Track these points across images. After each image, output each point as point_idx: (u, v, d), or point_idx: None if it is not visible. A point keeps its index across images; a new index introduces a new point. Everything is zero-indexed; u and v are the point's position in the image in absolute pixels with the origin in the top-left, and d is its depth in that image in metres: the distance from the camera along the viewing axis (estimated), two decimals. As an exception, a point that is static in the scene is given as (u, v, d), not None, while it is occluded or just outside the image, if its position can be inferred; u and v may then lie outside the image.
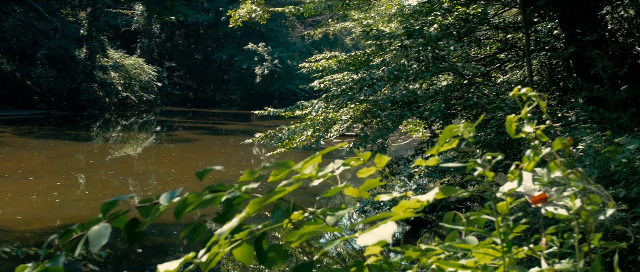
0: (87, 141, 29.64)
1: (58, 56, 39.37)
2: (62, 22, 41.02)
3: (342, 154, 20.57)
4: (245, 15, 17.01)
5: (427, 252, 1.60)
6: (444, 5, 14.35)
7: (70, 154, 24.15)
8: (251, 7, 16.98)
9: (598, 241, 1.61)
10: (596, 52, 11.98)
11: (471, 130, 1.56)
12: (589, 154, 7.41)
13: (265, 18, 17.53)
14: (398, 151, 21.17)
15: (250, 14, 17.02)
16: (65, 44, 40.03)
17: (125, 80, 46.64)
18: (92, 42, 43.45)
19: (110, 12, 50.27)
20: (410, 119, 12.95)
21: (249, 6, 16.99)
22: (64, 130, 33.41)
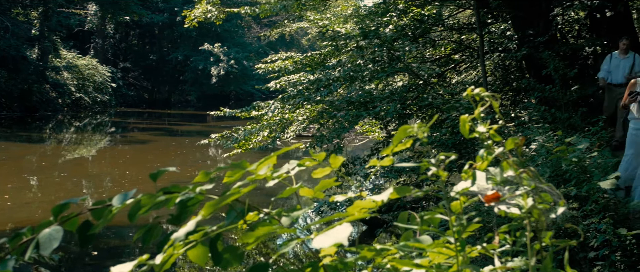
0: (40, 142, 29.14)
1: (9, 57, 38.54)
2: (13, 21, 40.19)
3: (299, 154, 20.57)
4: (201, 16, 16.91)
5: (381, 252, 1.60)
6: (399, 7, 14.44)
7: (22, 156, 23.72)
8: (207, 8, 16.87)
9: (549, 239, 1.64)
10: (548, 53, 12.17)
11: (425, 130, 1.57)
12: (541, 154, 7.52)
13: (221, 18, 17.45)
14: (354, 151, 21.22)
15: (205, 14, 16.91)
16: (16, 44, 39.21)
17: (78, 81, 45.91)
18: (44, 43, 42.65)
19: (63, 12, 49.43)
20: (366, 119, 13.00)
21: (205, 6, 16.89)
22: (15, 132, 32.79)
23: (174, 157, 24.68)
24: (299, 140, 16.07)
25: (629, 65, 11.63)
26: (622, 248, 6.08)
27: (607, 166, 7.09)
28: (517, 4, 14.01)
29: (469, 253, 1.71)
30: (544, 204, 1.64)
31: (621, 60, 11.72)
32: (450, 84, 15.38)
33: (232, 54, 58.57)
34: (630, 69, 11.53)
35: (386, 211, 11.36)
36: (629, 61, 11.65)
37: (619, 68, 11.70)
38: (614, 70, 11.75)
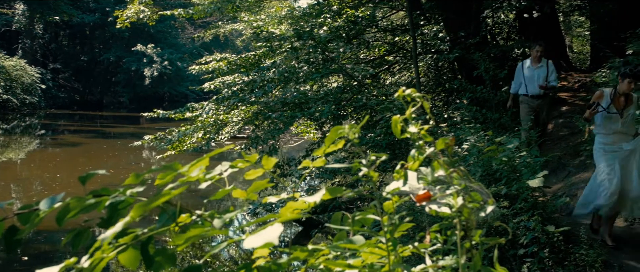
0: (-35, 146, 28.26)
1: None
2: None
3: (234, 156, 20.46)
4: (133, 16, 16.66)
5: (314, 253, 1.61)
6: (333, 8, 14.49)
7: (-54, 159, 22.99)
8: (139, 8, 16.63)
9: (479, 237, 1.66)
10: (479, 55, 12.40)
11: (356, 131, 1.58)
12: (472, 153, 7.64)
13: (154, 19, 17.24)
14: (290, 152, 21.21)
15: (138, 15, 16.67)
16: (-61, 43, 37.97)
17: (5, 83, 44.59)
18: (-30, 43, 41.40)
19: (-11, 11, 48.11)
20: (301, 120, 13.01)
21: (137, 7, 16.64)
22: (-61, 135, 31.75)
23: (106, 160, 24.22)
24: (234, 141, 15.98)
25: (543, 74, 10.76)
26: (550, 245, 6.23)
27: (535, 164, 7.25)
28: (449, 6, 14.24)
29: (401, 252, 1.72)
30: (473, 203, 1.67)
31: (534, 69, 10.80)
32: (384, 85, 15.51)
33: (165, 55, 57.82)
34: (545, 78, 10.73)
35: (321, 212, 11.39)
36: (543, 70, 10.78)
37: (533, 78, 10.80)
38: (529, 80, 10.84)
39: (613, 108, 7.00)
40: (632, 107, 7.03)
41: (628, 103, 7.01)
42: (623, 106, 7.00)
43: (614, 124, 7.01)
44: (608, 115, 7.03)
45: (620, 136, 7.05)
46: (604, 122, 7.07)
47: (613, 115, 7.01)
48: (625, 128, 7.03)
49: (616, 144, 7.05)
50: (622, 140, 7.05)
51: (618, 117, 6.98)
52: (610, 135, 7.08)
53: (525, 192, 6.67)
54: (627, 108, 7.01)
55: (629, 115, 7.02)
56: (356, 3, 14.66)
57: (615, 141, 7.07)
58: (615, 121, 7.01)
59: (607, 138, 7.12)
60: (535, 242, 6.16)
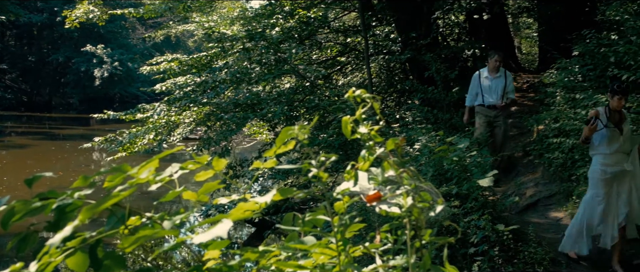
0: None
1: None
2: None
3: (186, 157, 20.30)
4: (82, 16, 16.40)
5: (265, 254, 1.61)
6: (285, 9, 14.48)
7: None
8: (88, 8, 16.38)
9: (429, 237, 1.68)
10: (430, 56, 12.52)
11: (306, 132, 1.58)
12: (424, 153, 7.71)
13: (104, 19, 17.00)
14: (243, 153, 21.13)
15: (87, 14, 16.42)
16: None
17: (-51, 84, 43.61)
18: None
19: None
20: (253, 121, 12.97)
21: (86, 7, 16.39)
22: None
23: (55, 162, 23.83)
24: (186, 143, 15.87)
25: (501, 85, 10.28)
26: (500, 243, 6.32)
27: (485, 164, 7.34)
28: (400, 7, 14.34)
29: (352, 253, 1.73)
30: (423, 203, 1.69)
31: (492, 79, 10.31)
32: (337, 85, 15.56)
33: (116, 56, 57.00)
34: (503, 90, 10.27)
35: (275, 213, 11.38)
36: (501, 81, 10.30)
37: (491, 88, 10.32)
38: (486, 91, 10.35)
39: (611, 124, 6.64)
40: (627, 123, 6.71)
41: (622, 119, 6.69)
42: (619, 121, 6.66)
43: (616, 142, 6.61)
44: (609, 132, 6.63)
45: (621, 155, 6.67)
46: (605, 140, 6.64)
47: (614, 131, 6.62)
48: (626, 146, 6.65)
49: (618, 165, 6.67)
50: (623, 159, 6.67)
51: (618, 133, 6.62)
52: (611, 154, 6.64)
53: (475, 192, 6.75)
54: (623, 123, 6.67)
55: (628, 131, 6.68)
56: (308, 4, 14.68)
57: (617, 161, 6.67)
58: (616, 139, 6.61)
59: (608, 158, 6.67)
60: (486, 240, 6.24)
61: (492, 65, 10.35)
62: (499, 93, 10.26)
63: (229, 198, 1.69)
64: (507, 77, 10.35)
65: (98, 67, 56.73)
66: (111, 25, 56.52)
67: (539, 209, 9.36)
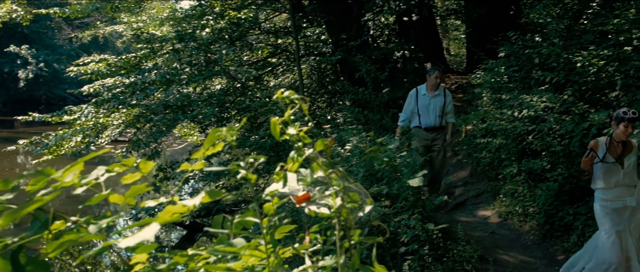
0: None
1: None
2: None
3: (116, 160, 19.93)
4: (5, 16, 15.95)
5: (194, 257, 1.60)
6: (215, 10, 14.39)
7: None
8: (11, 8, 15.94)
9: (358, 237, 1.69)
10: (360, 57, 12.62)
11: (234, 133, 1.57)
12: (355, 154, 7.76)
13: (28, 19, 16.58)
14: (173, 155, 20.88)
15: (10, 14, 15.98)
16: None
17: None
18: None
19: None
20: (184, 122, 12.85)
21: (9, 6, 15.95)
22: None
23: (-22, 166, 23.10)
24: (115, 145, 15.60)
25: (440, 104, 9.26)
26: (430, 242, 6.41)
27: (415, 164, 7.43)
28: (331, 9, 14.41)
29: (282, 254, 1.73)
30: (352, 203, 1.70)
31: (431, 98, 9.23)
32: (268, 87, 15.54)
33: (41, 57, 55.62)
34: (442, 108, 9.27)
35: (206, 215, 11.30)
36: (440, 100, 9.27)
37: (428, 108, 9.27)
38: (423, 110, 9.28)
39: (610, 157, 6.05)
40: (633, 155, 6.08)
41: (627, 151, 6.07)
42: (620, 154, 6.05)
43: (615, 176, 6.06)
44: (606, 166, 6.08)
45: (623, 188, 6.10)
46: (603, 174, 6.10)
47: (611, 165, 6.06)
48: (627, 179, 6.07)
49: (620, 199, 6.09)
50: (626, 193, 6.10)
51: (618, 167, 6.05)
52: (611, 189, 6.09)
53: (405, 192, 6.83)
54: (627, 156, 6.06)
55: (630, 164, 6.07)
56: (239, 5, 14.61)
57: (618, 196, 6.09)
58: (615, 172, 6.06)
59: (608, 193, 6.13)
60: (416, 240, 6.32)
61: (432, 82, 9.27)
62: (437, 113, 9.26)
63: (156, 201, 1.67)
64: (446, 96, 9.36)
65: (22, 68, 55.23)
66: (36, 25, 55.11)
67: (467, 207, 9.54)
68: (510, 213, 8.65)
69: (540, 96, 8.44)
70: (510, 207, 8.70)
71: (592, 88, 8.46)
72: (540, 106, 8.31)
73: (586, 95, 8.46)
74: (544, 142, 8.20)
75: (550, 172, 8.19)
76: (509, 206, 8.78)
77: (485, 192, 9.91)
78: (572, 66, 8.69)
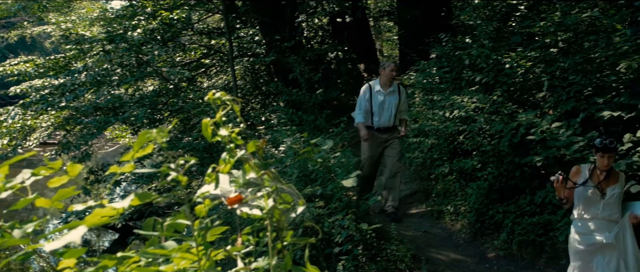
0: None
1: None
2: None
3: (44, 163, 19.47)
4: None
5: (124, 260, 1.57)
6: (147, 10, 14.20)
7: None
8: None
9: (290, 238, 1.70)
10: (294, 58, 12.63)
11: (164, 135, 1.56)
12: (289, 155, 7.76)
13: (-50, 18, 16.07)
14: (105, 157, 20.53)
15: None
16: None
17: None
18: None
19: None
20: (116, 124, 12.65)
21: None
22: None
23: None
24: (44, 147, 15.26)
25: (395, 101, 8.57)
26: (364, 242, 6.44)
27: (349, 165, 7.46)
28: (264, 10, 14.38)
29: (214, 256, 1.72)
30: (284, 204, 1.70)
31: (386, 95, 8.52)
32: (201, 88, 15.42)
33: (-35, 57, 54.01)
34: (397, 108, 8.60)
35: (138, 218, 11.14)
36: (396, 97, 8.58)
37: (383, 106, 8.56)
38: (378, 109, 8.54)
39: (591, 185, 5.38)
40: (618, 186, 5.38)
41: (611, 181, 5.37)
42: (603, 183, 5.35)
43: (594, 207, 5.35)
44: (585, 194, 5.40)
45: (602, 222, 5.36)
46: (582, 203, 5.43)
47: (591, 193, 5.36)
48: (608, 212, 5.33)
49: (596, 235, 5.35)
50: (605, 228, 5.34)
51: (598, 196, 5.34)
52: (589, 221, 5.39)
53: (339, 192, 6.85)
54: (610, 186, 5.35)
55: (612, 195, 5.34)
56: (171, 5, 14.45)
57: (595, 230, 5.37)
58: (595, 203, 5.35)
59: (585, 226, 5.43)
60: (350, 240, 6.34)
61: (386, 76, 8.57)
62: (392, 112, 8.57)
63: (85, 204, 1.64)
64: (401, 94, 8.69)
65: (-55, 69, 53.39)
66: (-43, 25, 53.32)
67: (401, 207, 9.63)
68: (442, 212, 8.77)
69: (471, 97, 8.58)
70: (442, 207, 8.83)
71: (520, 89, 8.64)
72: (471, 107, 8.45)
73: (515, 96, 8.64)
74: (475, 142, 8.35)
75: (480, 171, 8.34)
76: (441, 205, 8.91)
77: (417, 191, 10.03)
78: (501, 67, 8.86)
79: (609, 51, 7.56)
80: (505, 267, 6.97)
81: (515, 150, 7.56)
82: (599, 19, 8.46)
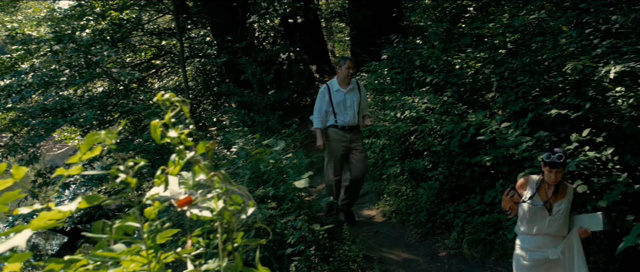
0: None
1: None
2: None
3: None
4: None
5: (71, 264, 1.55)
6: (96, 10, 14.01)
7: None
8: None
9: (240, 239, 1.69)
10: (245, 59, 12.59)
11: (113, 136, 1.54)
12: (241, 156, 7.73)
13: None
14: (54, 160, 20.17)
15: None
16: None
17: None
18: None
19: None
20: (65, 126, 12.45)
21: None
22: None
23: None
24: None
25: (356, 99, 8.14)
26: (316, 243, 6.45)
27: (301, 166, 7.47)
28: (215, 11, 14.31)
29: (165, 259, 1.71)
30: (234, 206, 1.69)
31: (345, 93, 8.11)
32: (152, 89, 15.28)
33: None
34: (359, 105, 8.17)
35: (88, 221, 10.99)
36: (356, 94, 8.17)
37: (344, 104, 8.12)
38: (339, 108, 8.10)
39: (538, 200, 5.11)
40: (565, 201, 5.11)
41: (559, 195, 5.10)
42: (551, 197, 5.07)
43: (540, 222, 5.09)
44: (531, 208, 5.11)
45: (547, 238, 5.13)
46: (527, 218, 5.15)
47: (538, 209, 5.09)
48: (554, 228, 5.09)
49: (540, 250, 5.13)
50: (550, 244, 5.13)
51: (545, 212, 5.08)
52: (534, 237, 5.15)
53: (291, 193, 6.85)
54: (558, 201, 5.08)
55: (559, 211, 5.08)
56: (121, 5, 14.29)
57: (540, 246, 5.13)
58: (541, 218, 5.09)
59: (530, 241, 5.19)
60: (302, 241, 6.35)
61: (344, 74, 8.15)
62: (355, 110, 8.15)
63: (30, 208, 1.61)
64: (361, 90, 8.29)
65: None
66: None
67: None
68: (394, 212, 8.82)
69: (422, 97, 8.65)
70: (394, 206, 8.89)
71: (470, 89, 8.75)
72: (422, 107, 8.52)
73: (465, 96, 8.74)
74: (426, 142, 8.42)
75: (431, 171, 8.42)
76: (393, 205, 8.97)
77: (369, 192, 10.08)
78: (451, 68, 8.96)
79: (556, 52, 7.69)
80: (456, 266, 7.04)
81: (465, 150, 7.65)
82: (546, 21, 8.61)
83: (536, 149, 6.62)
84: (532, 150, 6.63)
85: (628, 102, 6.78)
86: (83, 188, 11.89)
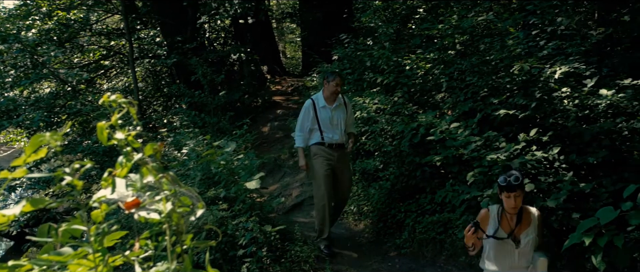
0: None
1: None
2: None
3: None
4: None
5: (15, 269, 1.52)
6: (42, 10, 13.77)
7: None
8: None
9: (190, 241, 1.68)
10: (196, 60, 12.51)
11: (58, 138, 1.51)
12: (192, 158, 7.67)
13: None
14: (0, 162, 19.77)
15: None
16: None
17: None
18: None
19: None
20: (10, 128, 12.21)
21: None
22: None
23: None
24: None
25: (343, 116, 7.55)
26: (268, 244, 6.44)
27: (252, 166, 7.44)
28: (165, 11, 14.19)
29: (112, 262, 1.68)
30: (183, 208, 1.68)
31: (332, 110, 7.48)
32: (101, 90, 15.08)
33: None
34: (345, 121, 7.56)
35: (35, 224, 10.80)
36: (343, 111, 7.56)
37: (332, 122, 7.51)
38: (325, 125, 7.47)
39: (502, 233, 4.61)
40: (531, 230, 4.63)
41: (523, 225, 4.63)
42: (514, 228, 4.59)
43: (509, 257, 4.63)
44: (497, 243, 4.62)
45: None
46: (494, 254, 4.66)
47: (505, 243, 4.61)
48: (524, 261, 4.65)
49: None
50: None
51: (511, 245, 4.59)
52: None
53: (243, 194, 6.82)
54: (524, 232, 4.60)
55: (528, 242, 4.61)
56: (68, 5, 14.06)
57: None
58: (509, 253, 4.62)
59: None
60: (254, 242, 6.33)
61: (331, 90, 7.48)
62: (342, 128, 7.58)
63: (-28, 211, 1.57)
64: (347, 106, 7.69)
65: None
66: None
67: (304, 208, 9.66)
68: (346, 212, 8.84)
69: (372, 98, 8.70)
70: (346, 207, 8.91)
71: (420, 90, 8.84)
72: (373, 108, 8.57)
73: (415, 97, 8.82)
74: (377, 143, 8.47)
75: (382, 171, 8.47)
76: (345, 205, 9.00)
77: (321, 192, 10.08)
78: (402, 69, 9.04)
79: (504, 53, 7.82)
80: (407, 265, 7.09)
81: (415, 150, 7.72)
82: (494, 22, 8.74)
83: (485, 149, 6.71)
84: (480, 150, 6.72)
85: (573, 103, 6.92)
86: (30, 191, 11.68)
